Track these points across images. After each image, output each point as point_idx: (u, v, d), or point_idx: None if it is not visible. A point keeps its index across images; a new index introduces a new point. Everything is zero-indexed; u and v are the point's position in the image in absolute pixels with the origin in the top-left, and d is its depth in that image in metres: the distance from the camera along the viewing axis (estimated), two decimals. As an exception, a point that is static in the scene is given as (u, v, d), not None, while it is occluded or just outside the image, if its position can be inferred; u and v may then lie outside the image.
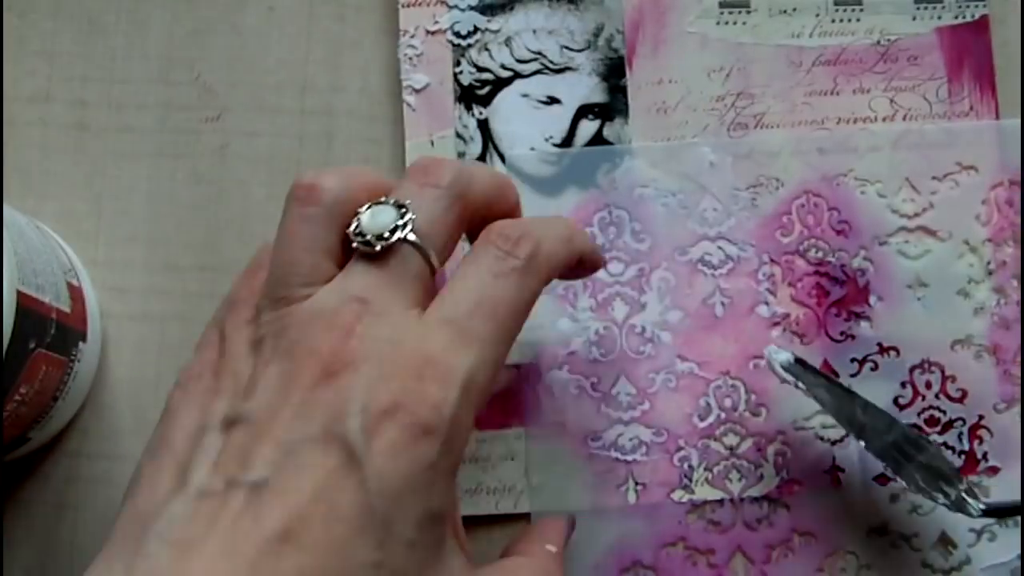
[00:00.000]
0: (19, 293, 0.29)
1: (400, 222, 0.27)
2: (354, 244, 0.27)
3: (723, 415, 0.35)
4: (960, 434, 0.35)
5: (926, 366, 0.35)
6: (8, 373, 0.29)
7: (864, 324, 0.35)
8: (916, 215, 0.35)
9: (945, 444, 0.35)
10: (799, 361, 0.33)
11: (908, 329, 0.35)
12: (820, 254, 0.35)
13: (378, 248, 0.26)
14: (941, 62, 0.36)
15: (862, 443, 0.32)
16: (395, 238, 0.26)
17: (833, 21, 0.36)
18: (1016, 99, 0.36)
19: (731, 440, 0.34)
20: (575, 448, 0.35)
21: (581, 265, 0.30)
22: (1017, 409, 0.35)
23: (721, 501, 0.34)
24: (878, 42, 0.36)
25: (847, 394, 0.32)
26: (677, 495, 0.34)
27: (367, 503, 0.24)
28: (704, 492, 0.34)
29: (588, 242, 0.31)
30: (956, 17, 0.36)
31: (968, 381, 0.35)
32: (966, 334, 0.35)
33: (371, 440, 0.24)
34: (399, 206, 0.27)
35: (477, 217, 0.29)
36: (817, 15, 0.36)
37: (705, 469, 0.34)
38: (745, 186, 0.36)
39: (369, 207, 0.27)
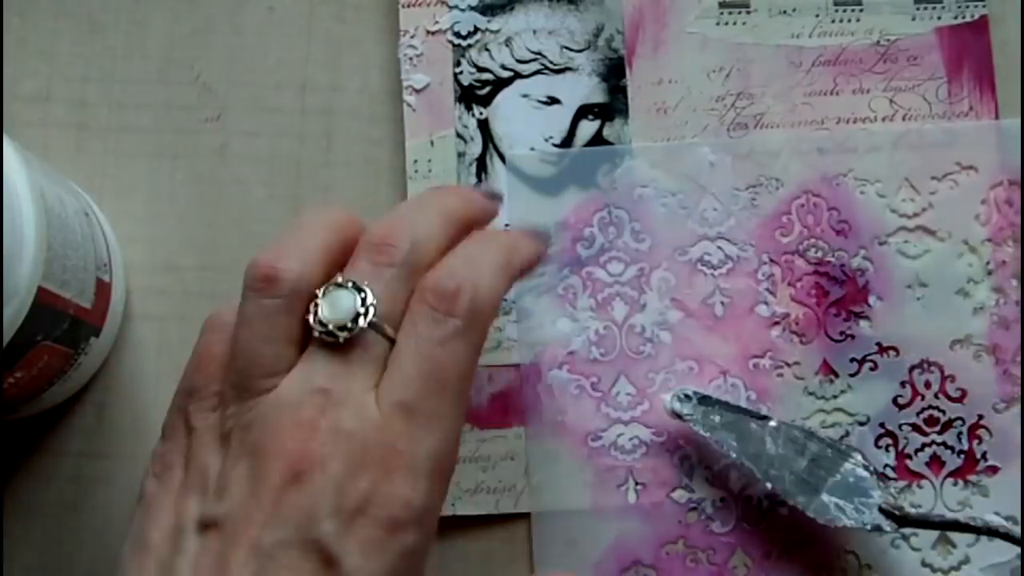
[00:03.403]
0: (39, 289, 0.29)
1: (361, 309, 0.26)
2: (315, 334, 0.26)
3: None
4: (959, 434, 0.35)
5: (925, 366, 0.35)
6: (6, 361, 0.29)
7: (864, 324, 0.35)
8: (916, 215, 0.36)
9: (944, 444, 0.35)
10: (699, 399, 0.34)
11: (907, 329, 0.35)
12: (820, 254, 0.35)
13: (341, 339, 0.26)
14: (941, 62, 0.36)
15: (769, 485, 0.32)
16: (358, 327, 0.26)
17: (833, 21, 0.36)
18: (1016, 99, 0.36)
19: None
20: (575, 448, 0.35)
21: (524, 273, 0.30)
22: (1017, 409, 0.35)
23: (721, 500, 0.34)
24: (878, 42, 0.36)
25: (754, 420, 0.33)
26: (677, 495, 0.34)
27: None
28: (704, 491, 0.34)
29: (529, 249, 0.30)
30: (956, 17, 0.36)
31: (967, 381, 0.35)
32: (965, 334, 0.35)
33: (346, 540, 0.24)
34: (358, 289, 0.26)
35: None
36: (817, 15, 0.36)
37: (705, 468, 0.34)
38: (745, 186, 0.36)
39: (326, 291, 0.26)
